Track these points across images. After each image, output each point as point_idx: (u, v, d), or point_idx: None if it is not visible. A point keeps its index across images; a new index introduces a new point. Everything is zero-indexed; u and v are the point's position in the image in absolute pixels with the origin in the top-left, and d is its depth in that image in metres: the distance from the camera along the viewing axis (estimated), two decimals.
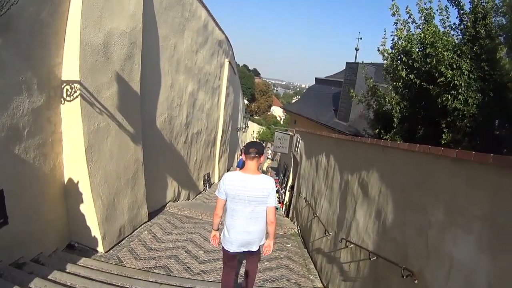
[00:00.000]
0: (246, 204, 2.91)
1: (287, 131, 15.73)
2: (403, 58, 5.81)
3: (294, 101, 41.66)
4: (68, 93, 3.87)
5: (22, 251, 3.52)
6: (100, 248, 4.49)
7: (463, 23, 5.36)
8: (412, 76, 5.62)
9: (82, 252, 4.36)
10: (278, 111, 68.98)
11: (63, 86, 3.86)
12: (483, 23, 4.99)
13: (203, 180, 11.27)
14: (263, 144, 4.19)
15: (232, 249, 3.03)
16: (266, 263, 5.19)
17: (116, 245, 4.84)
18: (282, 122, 53.64)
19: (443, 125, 5.00)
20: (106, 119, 4.43)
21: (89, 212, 4.30)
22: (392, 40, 6.13)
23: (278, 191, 12.61)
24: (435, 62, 5.13)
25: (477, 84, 4.83)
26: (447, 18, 5.71)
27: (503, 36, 4.94)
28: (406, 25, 6.04)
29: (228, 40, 12.87)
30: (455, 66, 4.93)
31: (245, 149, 3.02)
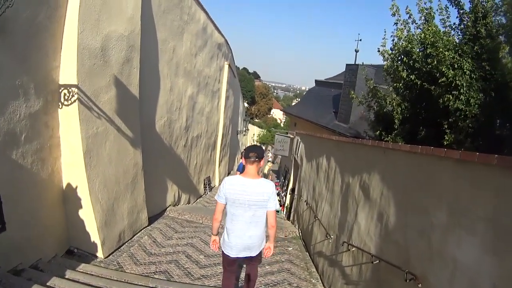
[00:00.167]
0: (246, 208, 2.89)
1: (287, 133, 15.70)
2: (404, 59, 5.76)
3: (294, 103, 41.67)
4: (66, 97, 3.84)
5: (20, 257, 3.46)
6: (99, 254, 4.44)
7: (463, 22, 5.33)
8: (413, 76, 5.57)
9: (81, 258, 4.31)
10: (278, 114, 69.02)
11: (60, 90, 3.82)
12: (483, 22, 4.95)
13: (204, 184, 11.23)
14: (263, 148, 4.19)
15: (232, 253, 3.02)
16: (267, 267, 5.14)
17: (116, 250, 4.79)
18: (282, 125, 53.68)
19: (445, 126, 4.95)
20: (104, 123, 4.40)
21: (88, 217, 4.26)
22: (392, 41, 6.10)
23: (279, 194, 12.57)
24: (436, 62, 5.08)
25: (478, 84, 4.78)
26: (447, 18, 5.68)
27: (503, 35, 4.90)
28: (406, 25, 6.01)
29: (228, 43, 12.88)
30: (457, 66, 4.88)
31: (245, 153, 3.01)
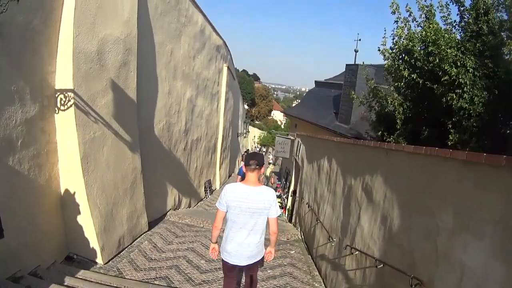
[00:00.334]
0: (247, 215, 2.89)
1: (288, 135, 15.64)
2: (405, 57, 5.70)
3: (294, 105, 41.62)
4: (62, 102, 3.78)
5: (19, 264, 3.42)
6: (99, 260, 4.38)
7: (464, 20, 5.27)
8: (414, 75, 5.50)
9: (81, 264, 4.25)
10: (278, 116, 69.02)
11: (56, 95, 3.77)
12: (485, 19, 4.88)
13: (204, 187, 11.18)
14: (263, 155, 4.25)
15: (231, 260, 3.02)
16: (269, 271, 5.07)
17: (115, 256, 4.72)
18: (283, 127, 53.63)
19: (449, 125, 4.87)
20: (101, 128, 4.35)
21: (86, 223, 4.20)
22: (393, 39, 6.03)
23: (280, 196, 12.50)
24: (438, 61, 5.02)
25: (482, 81, 4.70)
26: (448, 15, 5.62)
27: (505, 31, 4.83)
28: (406, 23, 5.94)
29: (226, 45, 12.86)
30: (459, 63, 4.82)
31: (245, 160, 3.01)
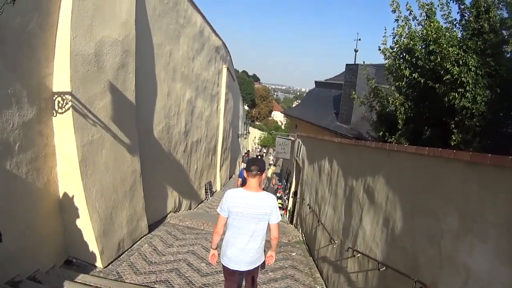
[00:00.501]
0: (249, 221, 2.89)
1: (288, 136, 15.60)
2: (406, 56, 5.63)
3: (294, 105, 41.57)
4: (60, 105, 3.75)
5: (17, 268, 3.38)
6: (98, 263, 4.34)
7: (464, 18, 5.22)
8: (416, 74, 5.44)
9: (80, 268, 4.21)
10: (279, 116, 68.97)
11: (54, 98, 3.74)
12: (486, 17, 4.83)
13: (205, 189, 11.13)
14: (264, 161, 4.25)
15: (231, 265, 3.02)
16: (270, 273, 5.02)
17: (115, 259, 4.68)
18: (283, 127, 53.58)
19: (452, 125, 4.81)
20: (100, 131, 4.31)
21: (85, 226, 4.16)
22: (393, 38, 5.98)
23: (281, 197, 12.45)
24: (439, 59, 4.96)
25: (484, 80, 4.65)
26: (449, 13, 5.57)
27: (506, 29, 4.78)
28: (407, 22, 5.89)
29: (226, 46, 12.82)
30: (461, 62, 4.75)
31: (246, 166, 3.02)
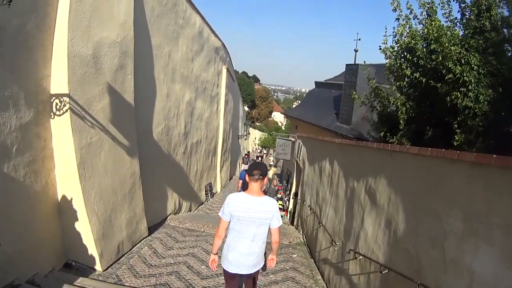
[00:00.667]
0: (250, 225, 2.88)
1: (288, 137, 15.57)
2: (407, 56, 5.58)
3: (294, 106, 41.53)
4: (58, 107, 3.71)
5: (16, 272, 3.34)
6: (98, 267, 4.31)
7: (465, 16, 5.18)
8: (417, 74, 5.38)
9: (79, 271, 4.17)
10: (279, 117, 68.96)
11: (52, 100, 3.70)
12: (487, 15, 4.79)
13: (205, 190, 11.09)
14: (266, 165, 4.25)
15: (232, 269, 3.00)
16: (271, 276, 4.97)
17: (114, 262, 4.64)
18: (283, 128, 53.56)
19: (455, 125, 4.76)
20: (98, 133, 4.27)
21: (84, 229, 4.13)
22: (394, 37, 5.93)
23: (282, 199, 12.41)
24: (441, 58, 4.91)
25: (487, 79, 4.60)
26: (450, 12, 5.53)
27: (507, 28, 4.74)
28: (408, 21, 5.84)
29: (225, 47, 12.80)
30: (463, 61, 4.70)
31: (248, 170, 3.01)
